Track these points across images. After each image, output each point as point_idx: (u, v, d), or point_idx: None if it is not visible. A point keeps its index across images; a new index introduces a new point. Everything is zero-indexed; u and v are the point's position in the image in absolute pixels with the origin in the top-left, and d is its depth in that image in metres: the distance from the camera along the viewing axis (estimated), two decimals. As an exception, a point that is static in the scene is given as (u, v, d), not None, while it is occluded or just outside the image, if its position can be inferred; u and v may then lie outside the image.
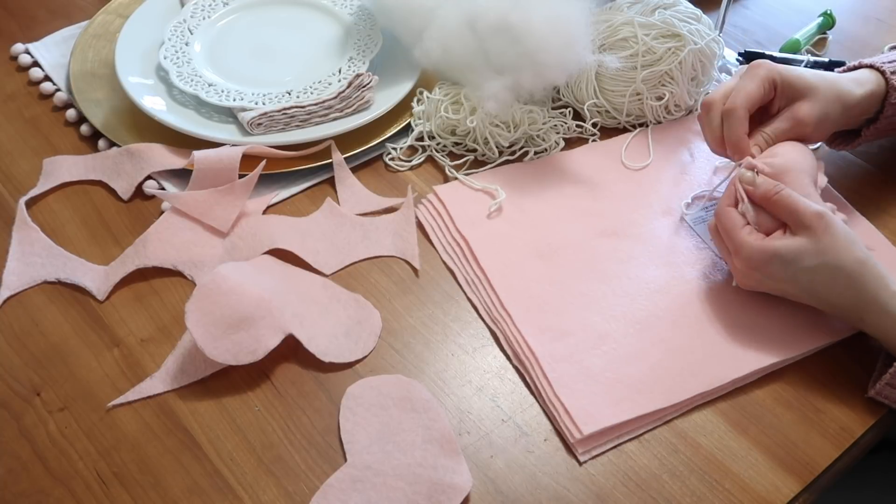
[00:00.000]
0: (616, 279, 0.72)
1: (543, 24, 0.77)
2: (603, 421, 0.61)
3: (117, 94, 0.83)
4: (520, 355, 0.66)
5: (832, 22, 1.01)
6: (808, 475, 0.61)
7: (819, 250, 0.62)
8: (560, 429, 0.62)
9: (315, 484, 0.59)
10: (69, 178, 0.78)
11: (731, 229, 0.66)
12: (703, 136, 0.75)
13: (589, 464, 0.61)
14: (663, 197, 0.79)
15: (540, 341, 0.66)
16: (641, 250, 0.74)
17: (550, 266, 0.73)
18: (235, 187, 0.74)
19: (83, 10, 0.97)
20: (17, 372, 0.64)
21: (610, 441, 0.62)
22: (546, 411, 0.64)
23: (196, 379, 0.64)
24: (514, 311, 0.68)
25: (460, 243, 0.74)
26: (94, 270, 0.71)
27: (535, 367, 0.65)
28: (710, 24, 0.86)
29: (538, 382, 0.65)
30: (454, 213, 0.76)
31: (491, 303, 0.70)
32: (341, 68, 0.86)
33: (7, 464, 0.59)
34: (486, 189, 0.78)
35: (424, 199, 0.78)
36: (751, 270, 0.65)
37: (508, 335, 0.68)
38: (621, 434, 0.62)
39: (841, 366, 0.67)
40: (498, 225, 0.76)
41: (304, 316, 0.66)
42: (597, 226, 0.76)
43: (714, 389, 0.64)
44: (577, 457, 0.61)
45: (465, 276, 0.72)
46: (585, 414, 0.62)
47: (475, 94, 0.80)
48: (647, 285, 0.71)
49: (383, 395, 0.63)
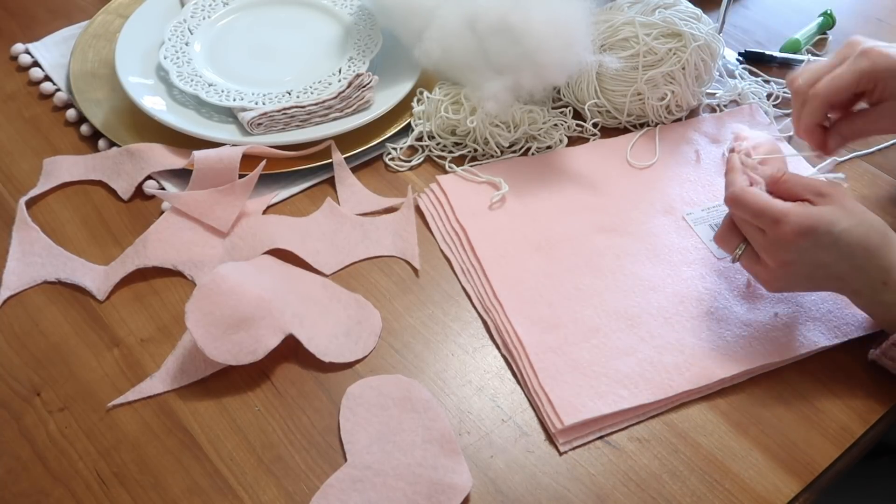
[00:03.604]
0: (611, 275, 0.72)
1: (543, 24, 0.77)
2: (585, 413, 0.62)
3: (117, 94, 0.83)
4: (508, 345, 0.67)
5: (832, 22, 1.01)
6: (809, 475, 0.61)
7: (850, 211, 0.62)
8: (543, 418, 0.62)
9: (315, 484, 0.59)
10: (69, 178, 0.78)
11: (765, 203, 0.62)
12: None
13: (589, 464, 0.61)
14: (666, 196, 0.79)
15: (530, 332, 0.67)
16: (639, 247, 0.74)
17: (547, 259, 0.73)
18: (235, 187, 0.74)
19: (83, 10, 0.97)
20: (17, 372, 0.64)
21: (592, 433, 0.62)
22: (530, 401, 0.64)
23: (196, 379, 0.64)
24: (505, 301, 0.69)
25: (458, 233, 0.74)
26: (94, 270, 0.71)
27: (522, 357, 0.66)
28: (711, 23, 0.86)
29: (524, 372, 0.65)
30: (455, 204, 0.76)
31: (484, 292, 0.70)
32: (341, 68, 0.86)
33: (7, 464, 0.59)
34: (490, 181, 0.79)
35: (427, 188, 0.78)
36: (795, 238, 0.61)
37: (499, 324, 0.68)
38: (603, 427, 0.62)
39: (841, 366, 0.67)
40: (498, 216, 0.76)
41: (304, 316, 0.66)
42: (596, 221, 0.77)
43: (700, 388, 0.64)
44: (558, 447, 0.61)
45: (461, 264, 0.73)
46: (568, 405, 0.62)
47: (475, 94, 0.80)
48: (643, 282, 0.71)
49: (383, 395, 0.63)
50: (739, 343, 0.67)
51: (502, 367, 0.66)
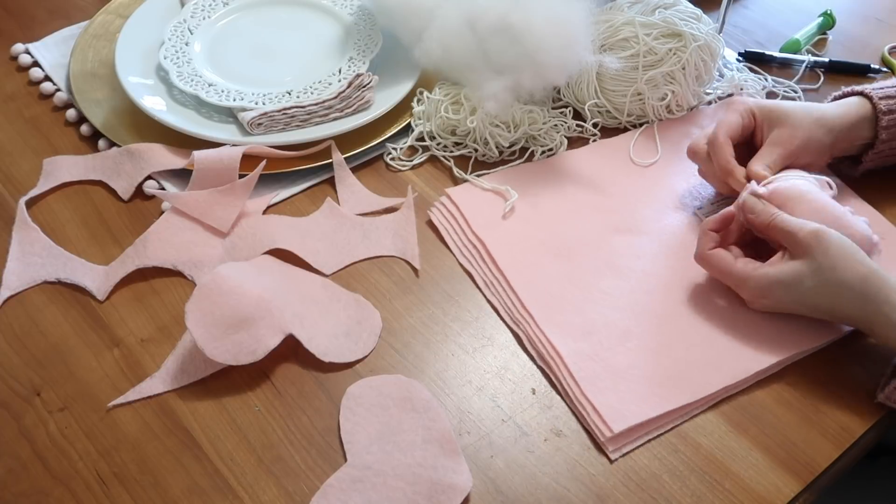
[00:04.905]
0: (634, 275, 0.72)
1: (543, 24, 0.77)
2: (632, 418, 0.62)
3: (117, 94, 0.83)
4: (544, 356, 0.66)
5: (832, 22, 1.01)
6: (809, 475, 0.61)
7: (818, 269, 0.63)
8: (590, 427, 0.62)
9: (315, 484, 0.59)
10: (69, 178, 0.78)
11: (726, 268, 0.67)
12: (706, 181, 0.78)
13: (589, 464, 0.61)
14: (674, 192, 0.80)
15: (564, 341, 0.66)
16: (656, 246, 0.75)
17: (568, 265, 0.73)
18: (235, 187, 0.74)
19: (83, 10, 0.97)
20: (17, 372, 0.64)
21: (639, 438, 0.62)
22: (574, 410, 0.63)
23: (196, 379, 0.64)
24: (535, 312, 0.68)
25: (477, 246, 0.74)
26: (94, 270, 0.71)
27: (560, 367, 0.65)
28: (711, 23, 0.86)
29: (565, 382, 0.65)
30: (469, 216, 0.75)
31: (512, 304, 0.70)
32: (341, 68, 0.86)
33: (7, 464, 0.59)
34: (496, 189, 0.78)
35: (437, 202, 0.78)
36: (758, 299, 0.66)
37: (532, 336, 0.68)
38: (650, 430, 0.62)
39: (841, 366, 0.67)
40: (513, 225, 0.76)
41: (304, 316, 0.66)
42: (611, 223, 0.77)
43: (738, 382, 0.65)
44: (608, 455, 0.61)
45: (483, 278, 0.72)
46: (614, 411, 0.62)
47: (475, 94, 0.80)
48: (665, 281, 0.72)
49: (383, 395, 0.63)
50: (768, 334, 0.67)
51: (502, 368, 0.66)
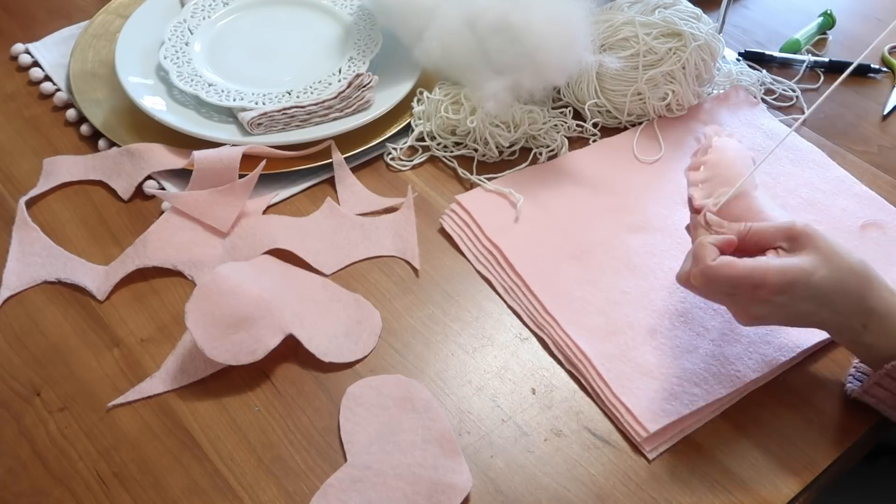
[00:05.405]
0: (652, 273, 0.72)
1: (543, 24, 0.77)
2: (665, 417, 0.62)
3: (117, 94, 0.83)
4: (571, 359, 0.66)
5: (832, 22, 1.01)
6: (809, 475, 0.61)
7: (826, 256, 0.60)
8: (624, 429, 0.62)
9: (315, 484, 0.59)
10: (69, 178, 0.78)
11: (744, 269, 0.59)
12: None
13: (589, 464, 0.61)
14: (681, 188, 0.79)
15: (590, 342, 0.66)
16: (671, 242, 0.75)
17: (585, 266, 0.73)
18: (235, 187, 0.74)
19: (83, 10, 0.97)
20: (17, 372, 0.64)
21: (674, 436, 0.62)
22: (607, 412, 0.63)
23: (196, 379, 0.64)
24: (558, 315, 0.68)
25: (493, 251, 0.74)
26: (94, 270, 0.71)
27: (589, 370, 0.65)
28: (711, 23, 0.86)
29: (595, 384, 0.64)
30: (482, 222, 0.75)
31: (534, 309, 0.70)
32: (341, 68, 0.86)
33: (7, 464, 0.59)
34: (500, 191, 0.78)
35: (448, 209, 0.77)
36: (774, 296, 0.59)
37: (557, 339, 0.67)
38: (684, 428, 0.62)
39: (841, 366, 0.67)
40: (526, 229, 0.76)
41: (304, 316, 0.66)
42: (623, 222, 0.77)
43: (766, 374, 0.65)
44: (646, 455, 0.61)
45: (502, 284, 0.72)
46: (648, 411, 0.62)
47: (475, 94, 0.80)
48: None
49: (383, 395, 0.63)
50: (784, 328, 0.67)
51: (502, 368, 0.66)
